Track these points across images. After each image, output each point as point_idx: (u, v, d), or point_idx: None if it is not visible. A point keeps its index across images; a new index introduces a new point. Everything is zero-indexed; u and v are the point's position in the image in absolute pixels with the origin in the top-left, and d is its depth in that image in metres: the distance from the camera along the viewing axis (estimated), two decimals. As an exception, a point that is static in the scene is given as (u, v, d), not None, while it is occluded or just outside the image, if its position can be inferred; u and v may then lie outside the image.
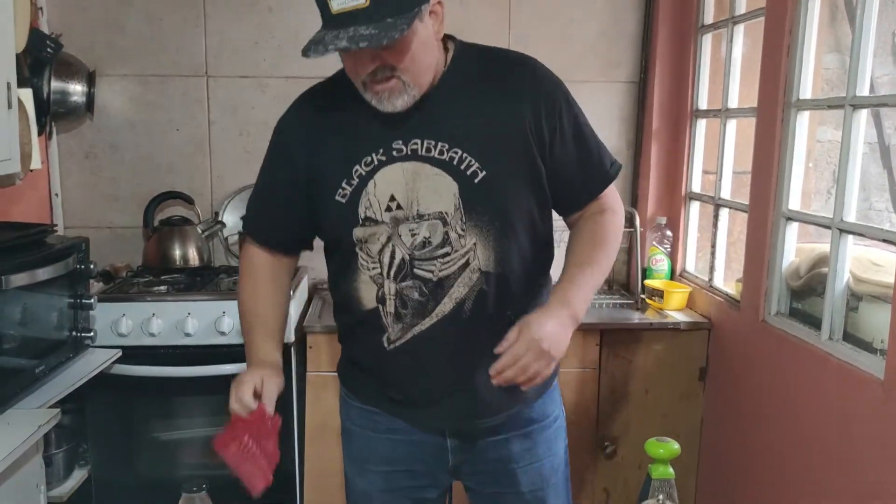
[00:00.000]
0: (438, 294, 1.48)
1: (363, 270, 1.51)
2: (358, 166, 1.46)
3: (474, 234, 1.47)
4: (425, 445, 1.61)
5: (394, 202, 1.46)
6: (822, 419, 2.04)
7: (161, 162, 3.10)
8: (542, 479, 1.65)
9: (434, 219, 1.46)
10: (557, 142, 1.49)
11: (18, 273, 1.88)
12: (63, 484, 2.46)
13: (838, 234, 2.01)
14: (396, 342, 1.52)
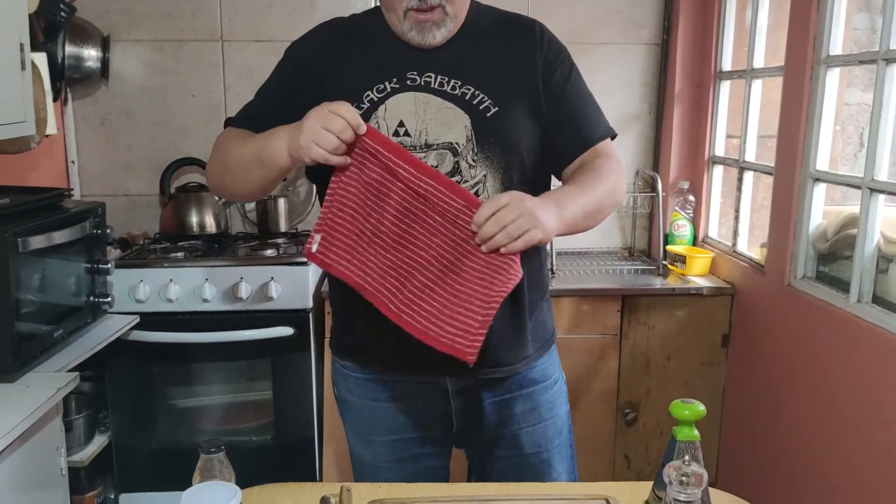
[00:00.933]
0: None
1: None
2: (370, 92, 1.46)
3: (485, 166, 1.47)
4: (429, 410, 1.59)
5: (402, 128, 1.46)
6: (850, 383, 2.00)
7: (177, 128, 3.08)
8: (546, 441, 1.63)
9: (443, 149, 1.46)
10: (561, 91, 1.52)
11: (35, 236, 1.87)
12: (84, 449, 2.47)
13: (869, 193, 1.95)
14: None
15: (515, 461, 1.62)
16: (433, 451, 1.64)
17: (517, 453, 1.62)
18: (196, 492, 1.26)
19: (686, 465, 1.24)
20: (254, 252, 2.71)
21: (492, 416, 1.60)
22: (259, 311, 2.54)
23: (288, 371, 2.60)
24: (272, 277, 2.51)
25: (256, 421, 2.70)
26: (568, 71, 1.54)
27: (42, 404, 1.67)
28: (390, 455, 1.62)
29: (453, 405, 1.59)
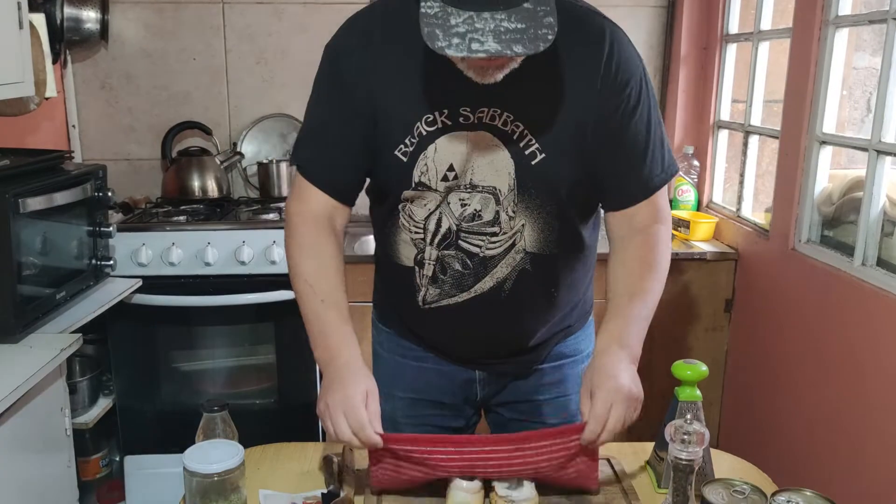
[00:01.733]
0: (480, 272, 1.41)
1: (404, 231, 1.42)
2: (419, 124, 1.33)
3: (524, 216, 1.38)
4: (454, 377, 1.58)
5: (451, 172, 1.35)
6: (854, 346, 1.99)
7: (177, 92, 3.06)
8: (570, 415, 1.60)
9: (487, 192, 1.36)
10: (619, 130, 1.35)
11: (35, 197, 1.86)
12: (88, 411, 2.48)
13: (875, 155, 1.93)
14: (431, 304, 1.46)
15: (534, 427, 1.55)
16: (453, 414, 1.62)
17: (539, 420, 1.59)
18: (198, 450, 1.27)
19: (688, 423, 1.24)
20: (256, 216, 2.71)
21: (518, 386, 1.58)
22: (261, 275, 2.53)
23: (290, 334, 2.60)
24: (274, 241, 2.51)
25: (259, 384, 2.71)
26: (634, 102, 1.34)
27: (45, 364, 1.68)
28: (410, 412, 1.61)
29: (478, 376, 1.58)
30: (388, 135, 1.35)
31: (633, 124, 1.35)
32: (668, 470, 1.24)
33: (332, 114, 1.39)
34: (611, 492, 1.33)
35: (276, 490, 1.32)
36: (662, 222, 1.42)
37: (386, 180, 1.41)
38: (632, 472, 1.41)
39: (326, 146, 1.41)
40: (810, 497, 1.16)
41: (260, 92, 3.06)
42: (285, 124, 3.08)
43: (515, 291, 1.42)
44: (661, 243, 1.41)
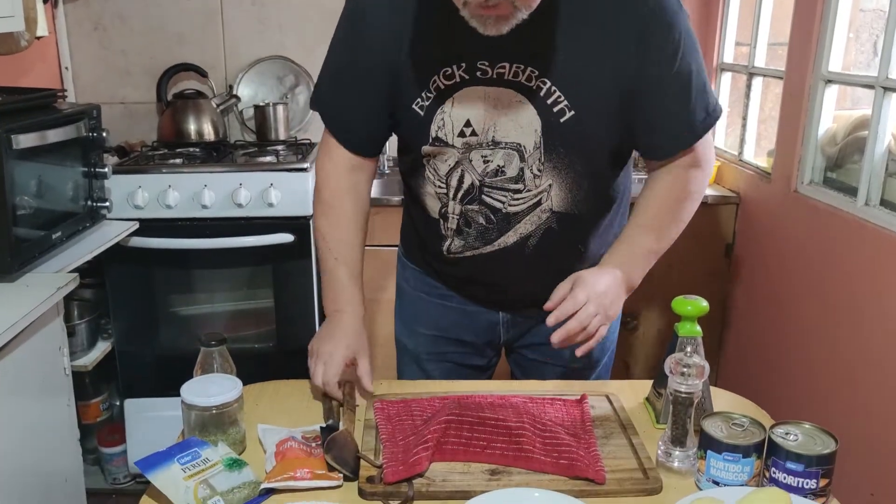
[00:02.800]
0: (504, 227, 1.41)
1: (429, 184, 1.43)
2: (437, 77, 1.31)
3: (551, 176, 1.35)
4: (478, 318, 1.59)
5: (468, 128, 1.33)
6: (856, 285, 1.99)
7: (172, 33, 3.00)
8: (590, 359, 1.62)
9: (510, 148, 1.34)
10: (659, 81, 1.29)
11: (27, 133, 1.83)
12: (87, 354, 2.49)
13: (882, 92, 1.90)
14: (456, 254, 1.48)
15: (556, 370, 1.62)
16: (474, 353, 1.64)
17: (560, 363, 1.61)
18: (197, 383, 1.27)
19: (688, 357, 1.24)
20: (253, 158, 2.68)
21: (541, 329, 1.54)
22: (259, 218, 2.52)
23: (289, 278, 2.59)
24: (272, 184, 2.48)
25: (258, 328, 2.71)
26: (673, 52, 1.27)
27: (42, 302, 1.67)
28: (432, 348, 1.63)
29: (502, 318, 1.58)
30: (406, 88, 1.35)
31: (672, 74, 1.29)
32: (668, 404, 1.25)
33: (351, 66, 1.39)
34: (609, 426, 1.33)
35: (275, 425, 1.32)
36: (701, 167, 1.38)
37: (407, 135, 1.42)
38: (630, 408, 1.41)
39: (347, 97, 1.42)
40: (809, 429, 1.16)
41: (256, 34, 3.01)
42: (281, 66, 3.03)
43: (541, 247, 1.43)
44: (692, 185, 1.39)
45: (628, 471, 1.20)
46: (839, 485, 1.14)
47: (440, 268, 1.55)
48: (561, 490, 1.12)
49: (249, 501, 1.12)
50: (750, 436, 1.15)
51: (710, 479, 1.14)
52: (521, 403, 1.35)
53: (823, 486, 1.10)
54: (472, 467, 1.20)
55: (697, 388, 1.21)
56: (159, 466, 1.13)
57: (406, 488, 1.13)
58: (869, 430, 1.89)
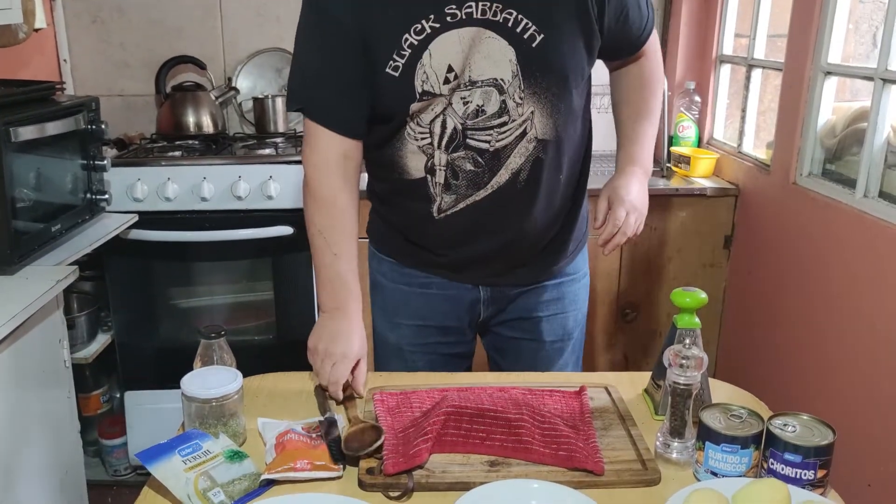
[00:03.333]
0: (494, 165, 1.43)
1: (410, 140, 1.43)
2: (407, 35, 1.33)
3: (532, 102, 1.40)
4: (459, 300, 1.61)
5: (451, 73, 1.36)
6: (854, 277, 1.99)
7: (171, 26, 2.99)
8: (565, 332, 1.66)
9: (488, 85, 1.37)
10: None
11: (26, 126, 1.83)
12: (87, 347, 2.49)
13: (881, 84, 1.90)
14: (447, 211, 1.48)
15: (533, 346, 1.66)
16: (457, 340, 1.66)
17: (536, 338, 1.65)
18: (197, 376, 1.27)
19: (686, 348, 1.24)
20: (252, 151, 2.68)
21: (518, 303, 1.63)
22: (258, 211, 2.52)
23: (288, 270, 2.60)
24: (271, 176, 2.48)
25: (258, 321, 2.72)
26: None
27: (42, 295, 1.67)
28: (415, 339, 1.64)
29: (482, 295, 1.61)
30: (377, 54, 1.35)
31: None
32: (666, 396, 1.25)
33: (322, 50, 1.39)
34: (608, 418, 1.34)
35: (275, 417, 1.32)
36: (655, 51, 1.59)
37: (385, 100, 1.40)
38: (629, 400, 1.42)
39: (324, 85, 1.41)
40: (807, 420, 1.16)
41: (255, 26, 3.00)
42: (280, 59, 3.03)
43: (529, 181, 1.46)
44: (656, 66, 1.59)
45: (627, 462, 1.20)
46: (837, 476, 1.14)
47: (426, 238, 1.54)
48: (560, 481, 1.13)
49: (250, 493, 1.12)
50: (748, 427, 1.15)
51: (709, 471, 1.15)
52: (521, 395, 1.36)
53: (821, 477, 1.10)
54: (471, 459, 1.20)
55: (696, 380, 1.22)
56: (160, 458, 1.13)
57: (406, 480, 1.13)
58: (867, 422, 1.90)
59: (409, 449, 1.18)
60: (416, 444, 1.19)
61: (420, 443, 1.18)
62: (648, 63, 1.58)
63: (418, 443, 1.19)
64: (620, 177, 1.52)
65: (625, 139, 1.59)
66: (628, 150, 1.57)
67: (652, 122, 1.59)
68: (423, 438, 1.19)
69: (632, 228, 1.47)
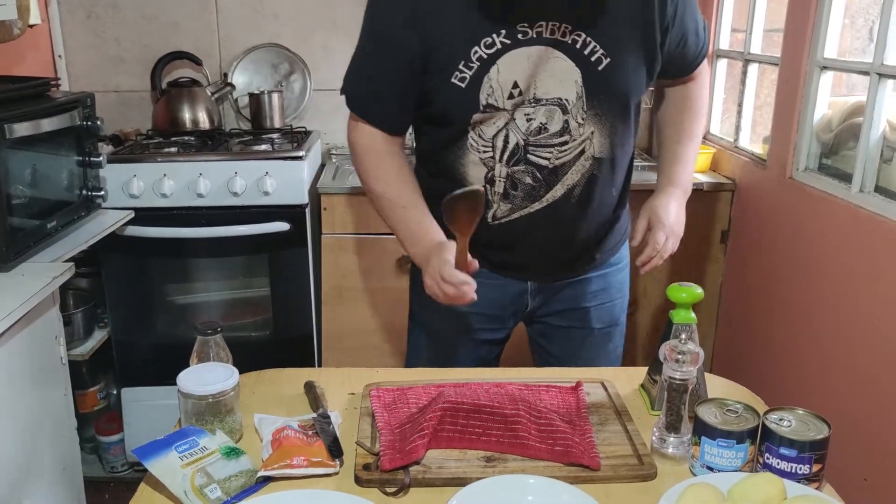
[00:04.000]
0: (552, 181, 1.49)
1: (472, 152, 1.48)
2: (477, 48, 1.38)
3: (593, 123, 1.46)
4: (506, 289, 1.65)
5: (516, 89, 1.41)
6: (850, 272, 1.99)
7: (167, 21, 2.98)
8: (612, 318, 1.73)
9: (552, 104, 1.43)
10: (676, 23, 1.47)
11: (21, 122, 1.82)
12: (84, 343, 2.49)
13: (877, 79, 1.90)
14: (502, 219, 1.54)
15: (581, 333, 1.71)
16: (498, 327, 1.71)
17: (585, 326, 1.71)
18: (193, 372, 1.27)
19: (682, 343, 1.24)
20: (248, 147, 2.67)
21: (565, 293, 1.68)
22: (254, 207, 2.51)
23: (285, 267, 2.59)
24: (267, 172, 2.48)
25: (255, 317, 2.72)
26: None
27: (38, 292, 1.67)
28: (455, 325, 1.67)
29: (529, 287, 1.66)
30: (443, 64, 1.40)
31: (683, 9, 1.48)
32: (662, 391, 1.25)
33: (381, 54, 1.45)
34: (604, 413, 1.34)
35: (271, 413, 1.32)
36: (704, 72, 1.65)
37: (449, 108, 1.45)
38: (625, 395, 1.42)
39: (372, 85, 1.48)
40: (802, 415, 1.17)
41: (250, 21, 2.99)
42: (276, 54, 3.02)
43: (583, 195, 1.52)
44: (703, 89, 1.65)
45: (623, 457, 1.20)
46: (832, 470, 1.15)
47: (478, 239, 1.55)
48: (556, 476, 1.13)
49: (246, 489, 1.12)
50: (744, 422, 1.16)
51: (705, 465, 1.15)
52: (517, 391, 1.36)
53: (817, 472, 1.11)
54: (467, 454, 1.21)
55: (692, 375, 1.22)
56: (157, 454, 1.13)
57: (402, 475, 1.14)
58: (862, 416, 1.90)
59: (406, 445, 1.19)
60: (412, 440, 1.19)
61: (416, 439, 1.18)
62: (696, 86, 1.64)
63: (415, 439, 1.19)
64: (661, 197, 1.58)
65: (667, 159, 1.64)
66: (669, 170, 1.62)
67: (695, 144, 1.65)
68: (420, 434, 1.19)
69: (669, 251, 1.55)
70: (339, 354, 2.68)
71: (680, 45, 1.52)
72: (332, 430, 1.23)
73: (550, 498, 1.08)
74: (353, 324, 2.65)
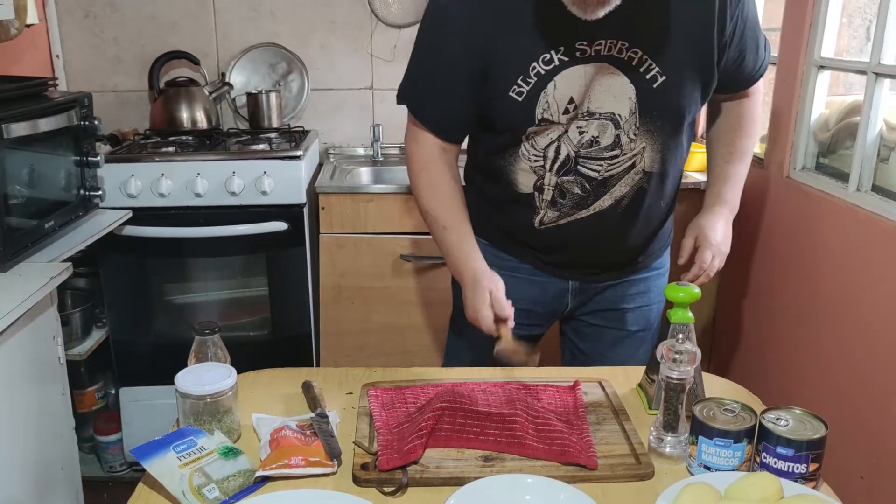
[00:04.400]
0: (600, 191, 1.51)
1: (524, 160, 1.51)
2: (536, 63, 1.40)
3: (645, 139, 1.47)
4: (547, 287, 1.67)
5: (571, 104, 1.43)
6: (848, 272, 2.00)
7: (164, 21, 2.98)
8: (648, 322, 1.74)
9: (605, 119, 1.44)
10: (734, 42, 1.47)
11: (19, 122, 1.82)
12: (82, 343, 2.49)
13: (874, 78, 1.90)
14: (548, 225, 1.56)
15: (617, 334, 1.73)
16: (538, 324, 1.73)
17: (621, 327, 1.73)
18: (191, 372, 1.27)
19: (679, 343, 1.24)
20: (246, 146, 2.67)
21: (606, 294, 1.70)
22: (252, 206, 2.51)
23: (283, 266, 2.60)
24: (265, 172, 2.48)
25: (253, 316, 2.71)
26: (744, 8, 1.46)
27: (36, 291, 1.67)
28: None
29: (570, 286, 1.68)
30: (501, 78, 1.42)
31: (743, 27, 1.46)
32: (660, 390, 1.26)
33: (443, 62, 1.47)
34: (602, 412, 1.34)
35: (270, 413, 1.32)
36: (758, 91, 1.64)
37: (503, 119, 1.47)
38: (623, 394, 1.42)
39: (433, 92, 1.50)
40: (799, 414, 1.17)
41: (248, 21, 2.99)
42: (274, 54, 3.02)
43: (631, 206, 1.54)
44: (757, 108, 1.64)
45: (620, 456, 1.21)
46: (829, 469, 1.15)
47: (524, 237, 1.62)
48: (554, 476, 1.13)
49: (244, 489, 1.12)
50: (741, 421, 1.16)
51: (702, 465, 1.15)
52: (515, 390, 1.36)
53: (814, 471, 1.11)
54: (465, 454, 1.21)
55: (689, 375, 1.22)
56: (155, 454, 1.13)
57: (400, 475, 1.14)
58: (859, 415, 1.91)
59: (404, 445, 1.19)
60: (410, 440, 1.19)
61: (414, 439, 1.19)
62: (750, 105, 1.64)
63: (413, 439, 1.19)
64: (709, 216, 1.60)
65: (716, 177, 1.65)
66: (719, 188, 1.63)
67: (745, 163, 1.65)
68: (418, 435, 1.19)
69: (714, 270, 1.56)
70: (336, 354, 2.68)
71: (737, 62, 1.51)
72: (330, 430, 1.23)
73: (548, 497, 1.09)
74: (351, 323, 2.65)
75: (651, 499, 1.07)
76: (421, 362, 2.62)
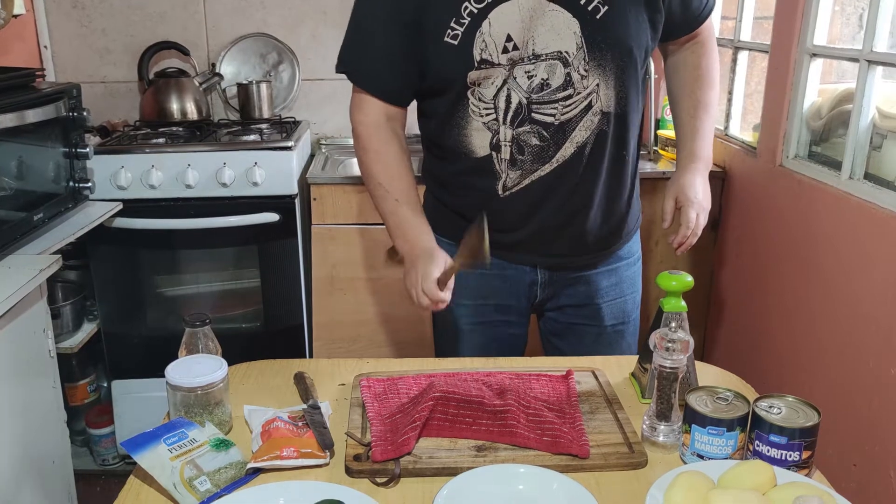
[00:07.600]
0: (560, 139, 1.46)
1: (474, 117, 1.46)
2: (468, 3, 1.37)
3: (597, 74, 1.43)
4: (516, 281, 1.64)
5: (510, 42, 1.39)
6: (841, 260, 2.00)
7: (153, 11, 2.96)
8: (624, 315, 1.71)
9: (552, 59, 1.40)
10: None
11: (5, 113, 1.81)
12: (73, 336, 2.47)
13: (867, 66, 1.90)
14: (512, 188, 1.51)
15: (594, 331, 1.70)
16: (514, 319, 1.69)
17: (597, 324, 1.69)
18: (181, 364, 1.26)
19: (672, 332, 1.24)
20: (236, 137, 2.66)
21: (577, 288, 1.66)
22: (244, 198, 2.50)
23: (274, 258, 2.59)
24: (256, 163, 2.46)
25: (245, 308, 2.70)
26: None
27: (25, 284, 1.66)
28: (473, 318, 1.67)
29: (539, 278, 1.64)
30: (435, 24, 1.39)
31: None
32: (653, 379, 1.25)
33: (374, 20, 1.45)
34: (595, 401, 1.34)
35: (261, 405, 1.31)
36: (711, 36, 1.61)
37: (444, 69, 1.43)
38: (616, 383, 1.42)
39: (371, 53, 1.47)
40: (792, 402, 1.17)
41: (238, 10, 2.97)
42: (265, 44, 3.00)
43: (594, 154, 1.49)
44: (713, 57, 1.61)
45: (613, 445, 1.21)
46: (822, 456, 1.15)
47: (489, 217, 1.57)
48: (547, 465, 1.13)
49: (236, 481, 1.12)
50: (734, 409, 1.16)
51: (695, 453, 1.15)
52: (507, 380, 1.36)
53: (806, 459, 1.11)
54: (458, 444, 1.20)
55: (682, 363, 1.22)
56: (146, 447, 1.13)
57: (393, 466, 1.13)
58: (851, 403, 1.91)
59: (398, 437, 1.18)
60: (404, 432, 1.18)
61: (408, 431, 1.18)
62: (706, 53, 1.60)
63: (406, 431, 1.18)
64: (685, 174, 1.55)
65: (686, 134, 1.61)
66: (690, 145, 1.59)
67: (710, 114, 1.61)
68: (412, 427, 1.19)
69: (701, 228, 1.53)
70: (329, 345, 2.67)
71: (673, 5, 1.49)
72: (323, 421, 1.23)
73: (541, 487, 1.08)
74: (344, 314, 2.64)
75: (644, 488, 1.06)
76: (414, 353, 2.61)
